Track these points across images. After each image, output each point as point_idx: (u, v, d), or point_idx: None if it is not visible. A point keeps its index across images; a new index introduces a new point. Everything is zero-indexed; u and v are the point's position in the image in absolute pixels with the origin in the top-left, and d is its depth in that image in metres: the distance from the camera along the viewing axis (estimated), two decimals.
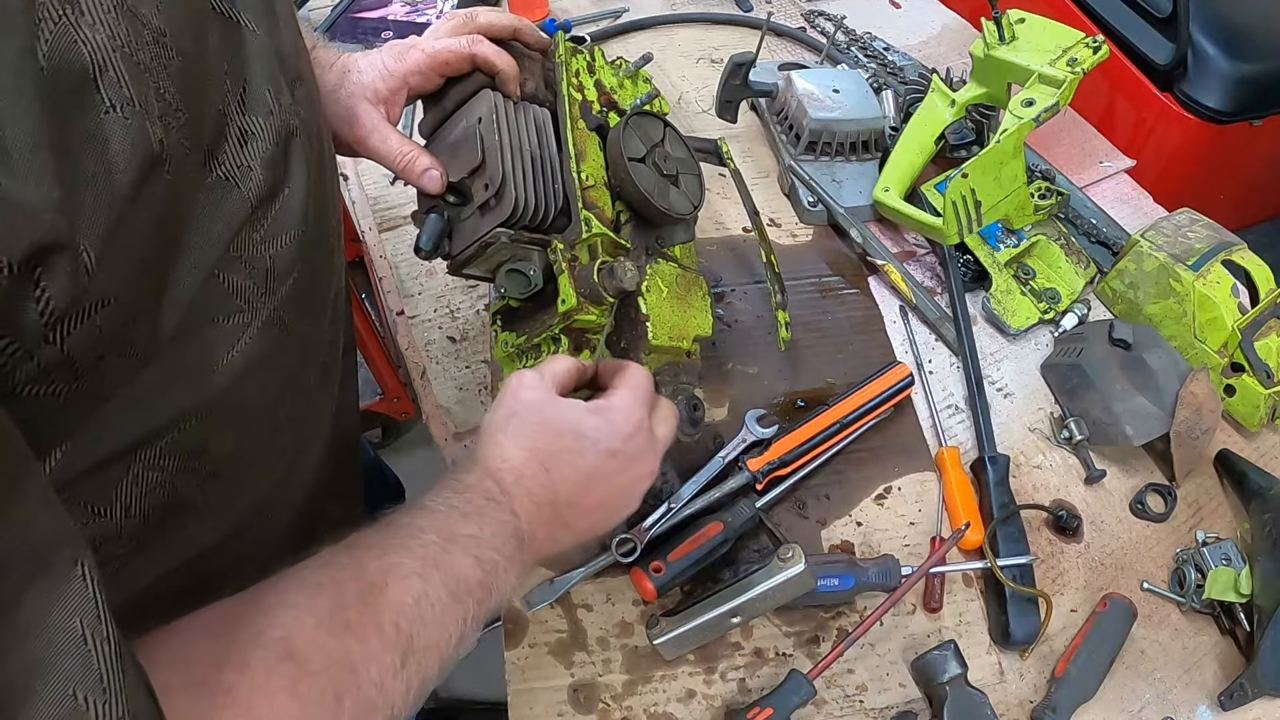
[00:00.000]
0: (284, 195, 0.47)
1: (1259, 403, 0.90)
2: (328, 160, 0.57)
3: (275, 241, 0.47)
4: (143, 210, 0.36)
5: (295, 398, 0.56)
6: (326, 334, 0.60)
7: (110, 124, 0.34)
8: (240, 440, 0.50)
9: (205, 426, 0.46)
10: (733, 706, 0.73)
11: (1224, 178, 1.65)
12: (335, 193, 0.60)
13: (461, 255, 0.68)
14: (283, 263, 0.48)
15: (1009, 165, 0.95)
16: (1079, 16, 1.71)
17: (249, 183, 0.44)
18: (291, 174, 0.48)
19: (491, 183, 0.66)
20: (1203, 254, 0.92)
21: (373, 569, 0.47)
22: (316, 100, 0.56)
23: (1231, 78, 1.55)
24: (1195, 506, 0.88)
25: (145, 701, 0.33)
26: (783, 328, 0.91)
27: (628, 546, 0.78)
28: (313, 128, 0.52)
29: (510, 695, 0.74)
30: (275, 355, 0.49)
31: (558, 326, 0.68)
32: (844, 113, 1.12)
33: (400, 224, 1.11)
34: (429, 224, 0.68)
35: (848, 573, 0.77)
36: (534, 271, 0.68)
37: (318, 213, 0.52)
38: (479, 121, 0.69)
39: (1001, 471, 0.86)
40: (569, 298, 0.66)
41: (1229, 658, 0.78)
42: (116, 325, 0.35)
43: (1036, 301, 1.01)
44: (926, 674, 0.73)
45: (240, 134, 0.44)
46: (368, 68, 0.70)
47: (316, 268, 0.53)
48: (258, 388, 0.49)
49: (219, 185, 0.43)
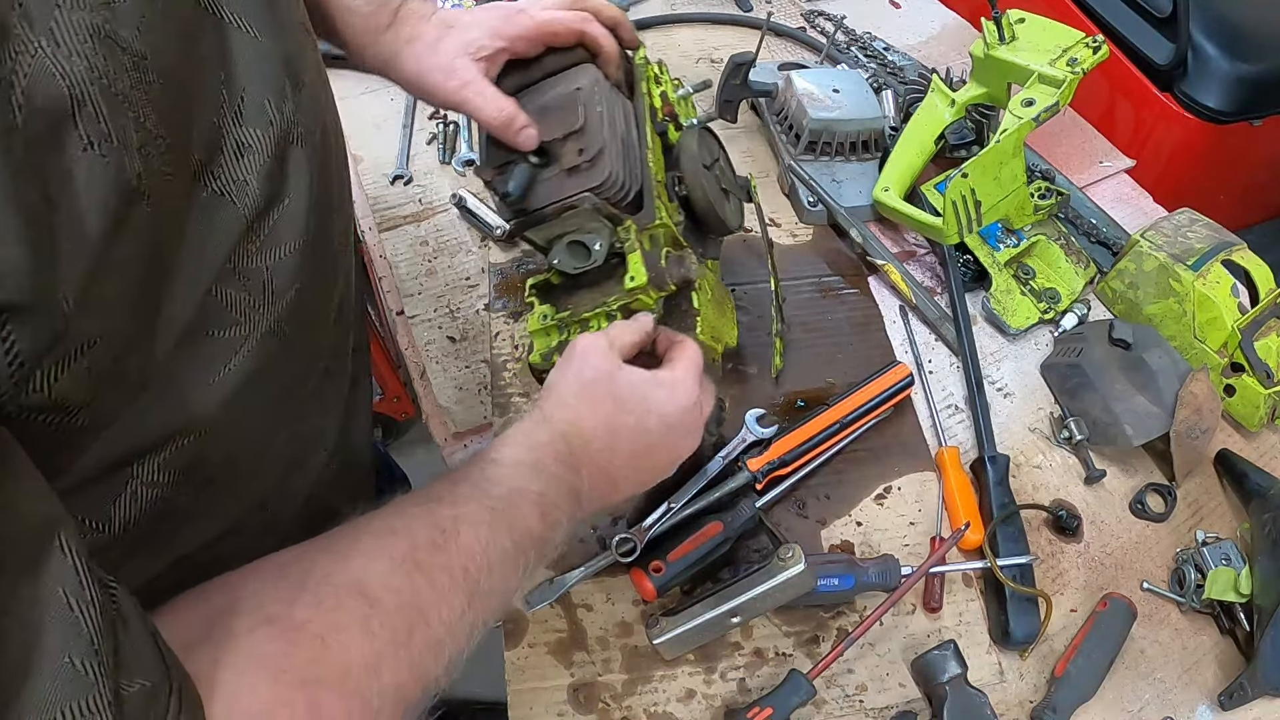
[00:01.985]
0: (284, 206, 0.46)
1: (1259, 403, 0.90)
2: (335, 164, 0.55)
3: (274, 253, 0.46)
4: (124, 247, 0.34)
5: (296, 404, 0.56)
6: (331, 338, 0.59)
7: (87, 163, 0.32)
8: (237, 449, 0.50)
9: (203, 439, 0.46)
10: (733, 706, 0.73)
11: (1224, 178, 1.65)
12: (344, 196, 0.59)
13: (539, 212, 0.70)
14: (282, 275, 0.47)
15: (1009, 165, 0.95)
16: (1079, 16, 1.71)
17: (244, 198, 0.43)
18: (291, 184, 0.47)
19: (588, 149, 0.68)
20: (1203, 254, 0.92)
21: (445, 516, 0.49)
22: (324, 102, 0.54)
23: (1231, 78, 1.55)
24: (1195, 506, 0.88)
25: (148, 650, 0.34)
26: (777, 357, 0.93)
27: (627, 546, 0.78)
28: (316, 133, 0.50)
29: (510, 695, 0.74)
30: (273, 366, 0.49)
31: (616, 304, 0.70)
32: (844, 113, 1.12)
33: (400, 224, 1.11)
34: (518, 173, 0.68)
35: (848, 573, 0.77)
36: (600, 246, 0.70)
37: (321, 221, 0.51)
38: (578, 90, 0.71)
39: (1001, 471, 0.86)
40: (639, 275, 0.68)
41: (1229, 658, 0.78)
42: (107, 361, 0.35)
43: (1036, 301, 1.01)
44: (926, 674, 0.73)
45: (236, 147, 0.43)
46: (473, 25, 0.71)
47: (320, 275, 0.53)
48: (255, 398, 0.49)
49: (212, 201, 0.41)
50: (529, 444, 0.57)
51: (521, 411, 0.91)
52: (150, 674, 0.33)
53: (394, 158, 1.19)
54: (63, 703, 0.29)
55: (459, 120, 1.23)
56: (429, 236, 1.10)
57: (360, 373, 0.72)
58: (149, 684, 0.32)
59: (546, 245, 0.72)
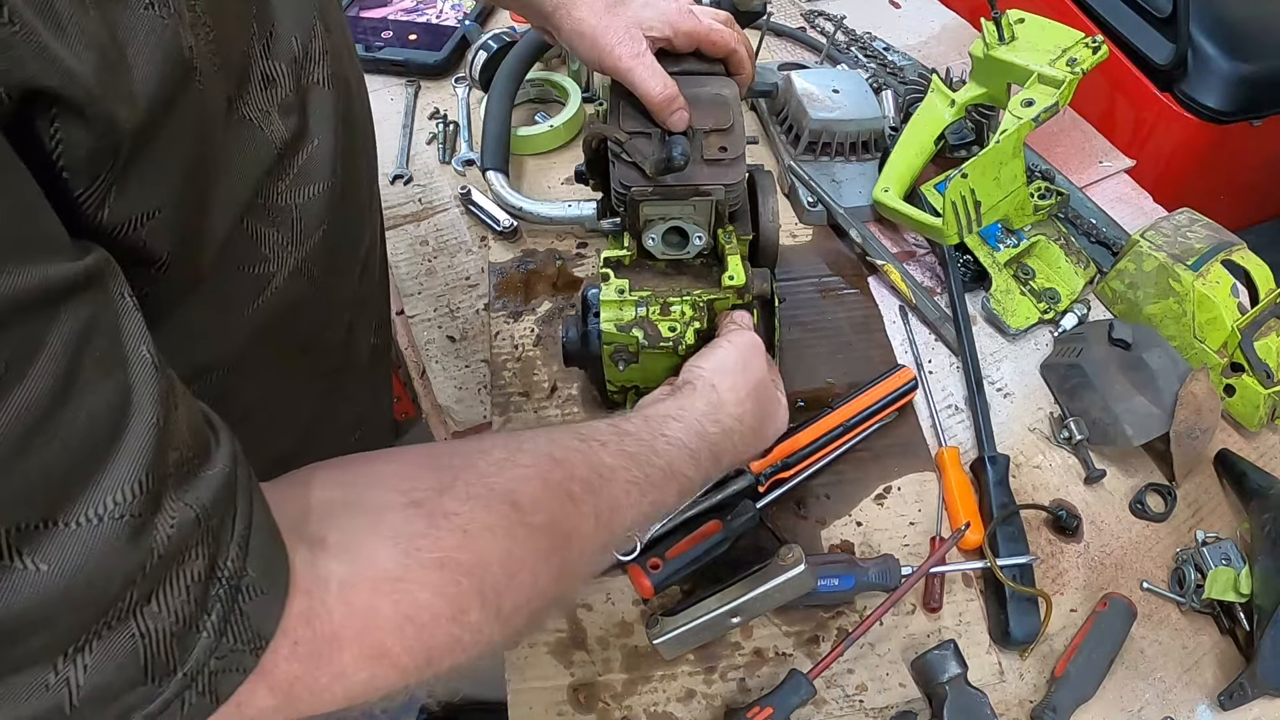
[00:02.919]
0: (312, 146, 0.47)
1: (1259, 403, 0.90)
2: (359, 114, 0.56)
3: (303, 192, 0.47)
4: (176, 125, 0.35)
5: (323, 353, 0.56)
6: (357, 290, 0.60)
7: (148, 21, 0.33)
8: (262, 392, 0.51)
9: (231, 376, 0.47)
10: (733, 706, 0.73)
11: (1224, 178, 1.65)
12: (368, 148, 0.60)
13: (670, 189, 0.73)
14: (310, 214, 0.48)
15: (1009, 165, 0.95)
16: (1079, 16, 1.71)
17: (270, 127, 0.44)
18: (315, 125, 0.47)
19: (732, 149, 0.74)
20: (1202, 254, 0.92)
21: (606, 462, 0.51)
22: (348, 55, 0.55)
23: (1231, 78, 1.55)
24: (1195, 506, 0.88)
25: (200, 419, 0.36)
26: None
27: (628, 546, 0.78)
28: (340, 80, 0.51)
29: (510, 695, 0.74)
30: (302, 306, 0.50)
31: (705, 297, 0.76)
32: (844, 113, 1.12)
33: (400, 223, 1.11)
34: (682, 142, 0.71)
35: (848, 573, 0.77)
36: (701, 239, 0.76)
37: (347, 167, 0.51)
38: (727, 96, 0.77)
39: (1001, 471, 0.86)
40: (740, 275, 0.75)
41: (1229, 657, 0.78)
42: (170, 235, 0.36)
43: (1036, 301, 1.01)
44: (926, 674, 0.73)
45: (263, 78, 0.43)
46: (648, 5, 0.75)
47: (347, 222, 0.54)
48: (285, 338, 0.50)
49: (244, 126, 0.42)
50: (699, 431, 0.61)
51: (522, 411, 0.91)
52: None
53: (394, 157, 1.19)
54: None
55: (459, 120, 1.23)
56: (429, 236, 1.10)
57: (382, 350, 0.74)
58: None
59: (635, 225, 0.76)
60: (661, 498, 0.55)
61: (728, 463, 0.65)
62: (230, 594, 0.33)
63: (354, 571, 0.38)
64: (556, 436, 0.52)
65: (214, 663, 0.32)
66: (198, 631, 0.32)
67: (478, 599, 0.41)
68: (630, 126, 0.74)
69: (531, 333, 0.98)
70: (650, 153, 0.72)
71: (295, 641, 0.36)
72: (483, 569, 0.42)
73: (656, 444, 0.57)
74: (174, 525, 0.31)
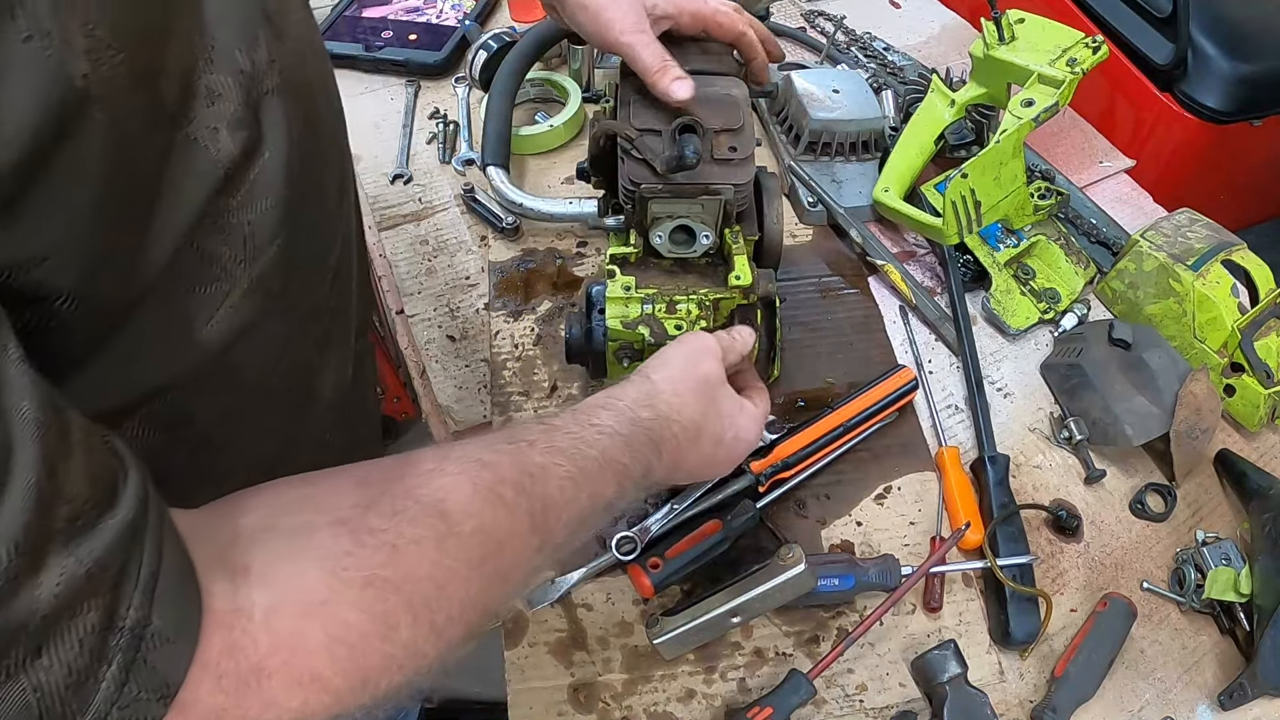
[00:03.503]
0: (263, 159, 0.46)
1: (1259, 403, 0.90)
2: (323, 118, 0.55)
3: (254, 207, 0.46)
4: (78, 153, 0.34)
5: (292, 366, 0.55)
6: (329, 299, 0.59)
7: (27, 54, 0.32)
8: (232, 408, 0.50)
9: (189, 396, 0.46)
10: (733, 706, 0.73)
11: (1224, 178, 1.65)
12: (335, 153, 0.58)
13: (680, 186, 0.73)
14: (263, 229, 0.46)
15: (1009, 165, 0.95)
16: (1079, 16, 1.71)
17: (217, 146, 0.42)
18: (268, 136, 0.46)
19: (742, 149, 0.74)
20: (1203, 254, 0.92)
21: (536, 461, 0.50)
22: (310, 56, 0.53)
23: (1231, 78, 1.55)
24: (1195, 506, 0.88)
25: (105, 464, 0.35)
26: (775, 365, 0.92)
27: (628, 546, 0.78)
28: (298, 85, 0.49)
29: (510, 695, 0.74)
30: (263, 322, 0.49)
31: (711, 296, 0.77)
32: (844, 113, 1.12)
33: (400, 223, 1.11)
34: (693, 140, 0.71)
35: (848, 573, 0.77)
36: (708, 237, 0.77)
37: (306, 175, 0.50)
38: (737, 96, 0.77)
39: (1001, 471, 0.86)
40: (746, 275, 0.76)
41: (1229, 657, 0.78)
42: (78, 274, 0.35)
43: (1036, 301, 1.01)
44: (926, 674, 0.73)
45: (208, 93, 0.42)
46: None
47: (309, 232, 0.52)
48: (246, 355, 0.49)
49: (189, 146, 0.41)
50: (631, 417, 0.59)
51: (522, 410, 0.91)
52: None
53: (394, 157, 1.19)
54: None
55: (459, 120, 1.23)
56: (429, 235, 1.10)
57: (364, 355, 0.72)
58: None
59: (642, 222, 0.76)
60: (599, 489, 0.54)
61: (671, 455, 0.62)
62: (132, 643, 0.32)
63: (278, 597, 0.37)
64: (486, 440, 0.51)
65: (116, 713, 0.32)
66: (96, 682, 0.31)
67: (408, 615, 0.41)
68: (641, 123, 0.74)
69: (531, 332, 0.98)
70: (660, 150, 0.72)
71: (219, 676, 0.35)
72: (412, 583, 0.41)
73: (586, 434, 0.55)
74: (60, 582, 0.30)
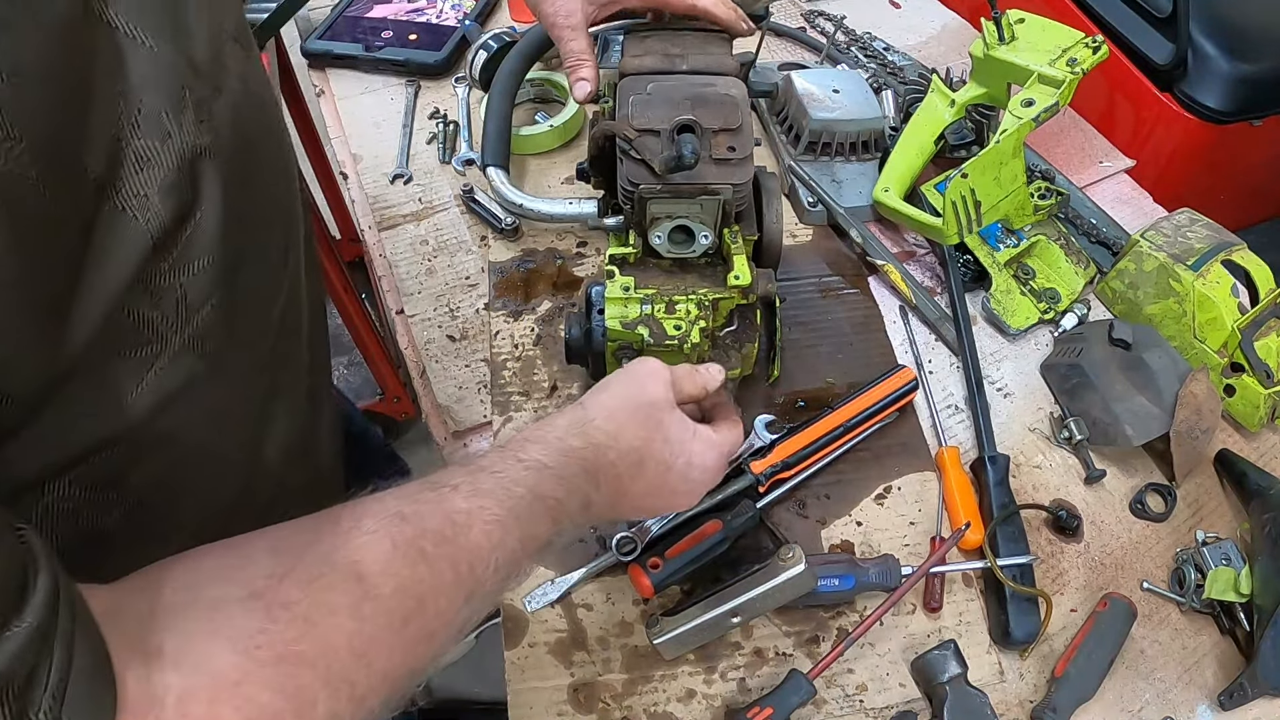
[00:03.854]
0: (196, 220, 0.45)
1: (1259, 403, 0.90)
2: (265, 174, 0.54)
3: (186, 269, 0.45)
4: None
5: (235, 424, 0.54)
6: (274, 350, 0.58)
7: None
8: (169, 470, 0.49)
9: (120, 458, 0.45)
10: (733, 706, 0.73)
11: (1224, 178, 1.65)
12: (279, 208, 0.57)
13: (678, 186, 0.73)
14: (196, 291, 0.45)
15: (1009, 165, 0.95)
16: (1079, 16, 1.71)
17: (146, 213, 0.41)
18: (202, 197, 0.45)
19: (740, 149, 0.74)
20: (1203, 254, 0.92)
21: (460, 508, 0.48)
22: (252, 111, 0.52)
23: (1231, 78, 1.55)
24: (1195, 506, 0.88)
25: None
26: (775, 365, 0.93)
27: (628, 546, 0.78)
28: (237, 143, 0.48)
29: (510, 695, 0.74)
30: (197, 384, 0.48)
31: (710, 295, 0.77)
32: (844, 113, 1.12)
33: (400, 223, 1.11)
34: (691, 141, 0.71)
35: (848, 573, 0.77)
36: (707, 237, 0.76)
37: (245, 233, 0.49)
38: (736, 96, 0.76)
39: (1001, 471, 0.86)
40: (745, 275, 0.76)
41: (1229, 657, 0.78)
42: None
43: (1036, 301, 1.01)
44: (926, 674, 0.73)
45: (136, 160, 0.41)
46: None
47: (248, 290, 0.51)
48: (182, 416, 0.47)
49: (116, 217, 0.40)
50: (561, 448, 0.57)
51: (522, 411, 0.91)
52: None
53: (394, 157, 1.19)
54: None
55: (459, 120, 1.23)
56: (429, 236, 1.10)
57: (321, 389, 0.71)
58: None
59: (641, 222, 0.76)
60: (531, 529, 0.52)
61: (611, 485, 0.59)
62: None
63: (191, 681, 0.36)
64: (407, 490, 0.49)
65: None
66: None
67: (324, 690, 0.39)
68: (640, 123, 0.74)
69: (531, 332, 0.98)
70: (659, 150, 0.72)
71: None
72: (328, 657, 0.40)
73: (513, 472, 0.53)
74: None
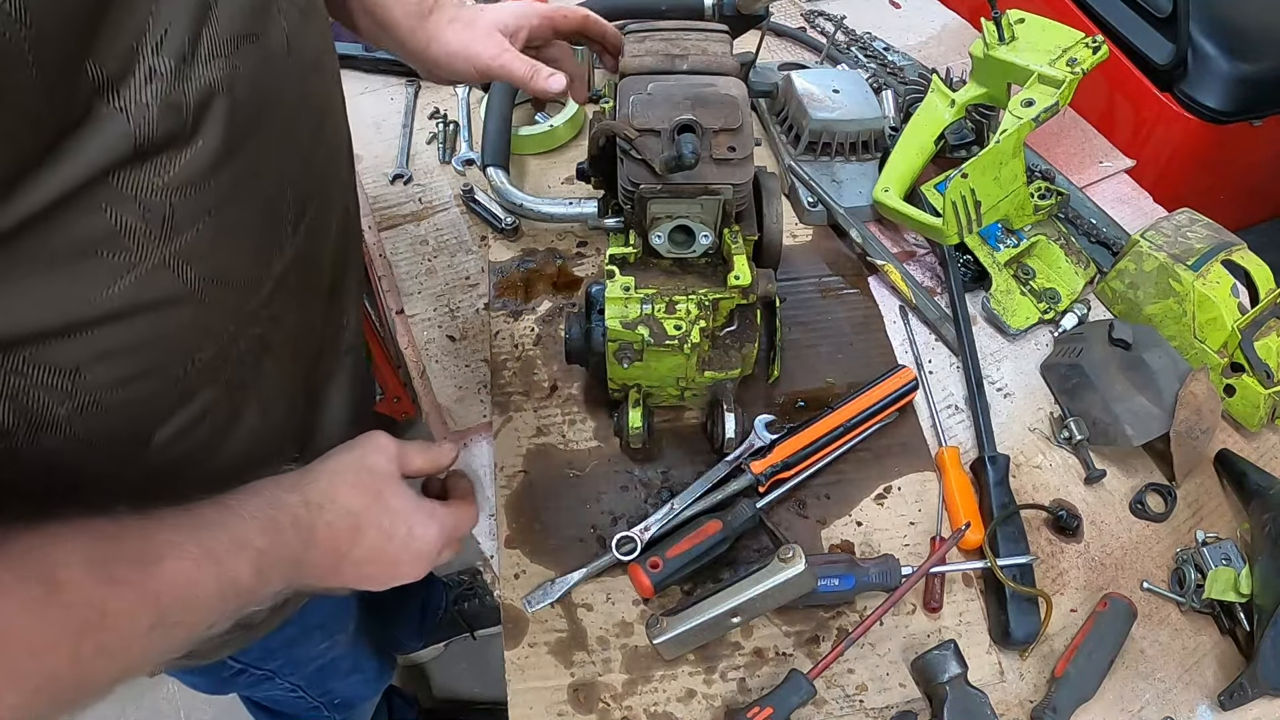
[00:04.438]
0: (195, 147, 0.48)
1: (1259, 403, 0.90)
2: (288, 135, 0.56)
3: (179, 192, 0.48)
4: None
5: (209, 361, 0.56)
6: (268, 309, 0.59)
7: None
8: (133, 380, 0.51)
9: (78, 349, 0.47)
10: (733, 706, 0.73)
11: (1224, 178, 1.65)
12: (297, 172, 0.59)
13: (678, 186, 0.73)
14: (184, 213, 0.48)
15: (1008, 165, 0.95)
16: (1079, 16, 1.71)
17: (140, 119, 0.44)
18: (205, 130, 0.48)
19: (741, 149, 0.74)
20: (1202, 254, 0.92)
21: (159, 540, 0.50)
22: (282, 67, 0.54)
23: (1231, 78, 1.55)
24: (1195, 506, 0.88)
25: None
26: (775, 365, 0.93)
27: (628, 546, 0.78)
28: (252, 94, 0.51)
29: (510, 695, 0.74)
30: (174, 306, 0.50)
31: (711, 296, 0.77)
32: (844, 113, 1.12)
33: (400, 223, 1.11)
34: (691, 140, 0.71)
35: (848, 573, 0.77)
36: (707, 237, 0.76)
37: (248, 179, 0.52)
38: (736, 97, 0.76)
39: (1001, 471, 0.86)
40: (745, 275, 0.75)
41: (1229, 657, 0.78)
42: None
43: (1036, 301, 1.01)
44: (926, 674, 0.73)
45: (148, 72, 0.44)
46: (499, 9, 0.81)
47: (244, 234, 0.54)
48: (149, 332, 0.50)
49: (111, 118, 0.43)
50: (272, 500, 0.58)
51: (522, 410, 0.91)
52: None
53: (394, 157, 1.19)
54: None
55: (459, 120, 1.23)
56: (429, 236, 1.10)
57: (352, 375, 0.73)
58: None
59: (647, 222, 0.76)
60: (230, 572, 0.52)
61: (328, 544, 0.60)
62: None
63: None
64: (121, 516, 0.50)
65: None
66: None
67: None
68: (640, 123, 0.74)
69: (531, 332, 0.98)
70: (659, 150, 0.72)
71: None
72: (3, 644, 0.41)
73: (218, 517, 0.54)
74: None
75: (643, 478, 0.86)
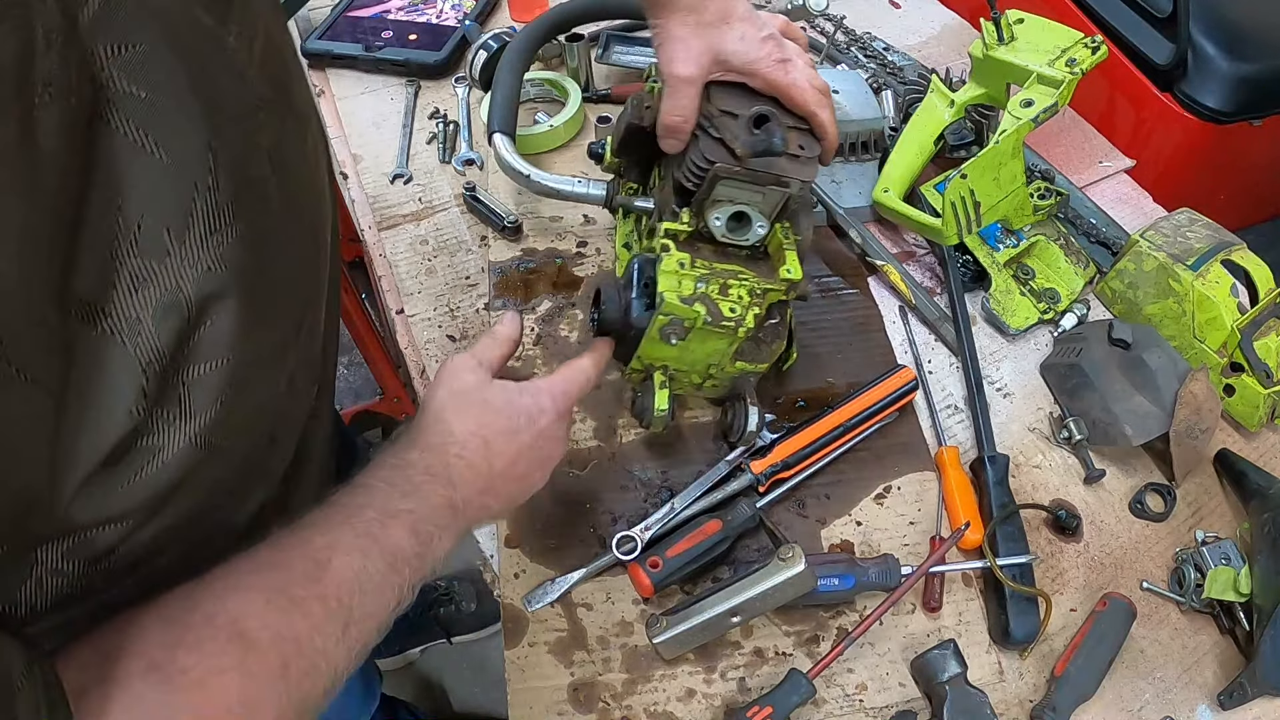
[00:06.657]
0: (204, 328, 0.43)
1: (1258, 403, 0.90)
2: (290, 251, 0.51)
3: (191, 371, 0.44)
4: None
5: (234, 504, 0.55)
6: (280, 451, 0.59)
7: None
8: (160, 546, 0.49)
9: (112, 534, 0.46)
10: (733, 706, 0.73)
11: (1224, 178, 1.65)
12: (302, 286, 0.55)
13: (755, 173, 0.73)
14: (202, 393, 0.45)
15: (1008, 166, 0.95)
16: (1079, 16, 1.71)
17: (136, 339, 0.40)
18: (211, 310, 0.43)
19: (810, 149, 0.76)
20: (1202, 254, 0.92)
21: (318, 545, 0.50)
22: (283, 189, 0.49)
23: (1231, 78, 1.55)
24: (1195, 506, 0.88)
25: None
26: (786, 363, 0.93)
27: (628, 546, 0.78)
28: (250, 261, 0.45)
29: (510, 695, 0.74)
30: (198, 474, 0.47)
31: (761, 285, 0.77)
32: (844, 113, 1.12)
33: (400, 223, 1.11)
34: (775, 129, 0.70)
35: (848, 572, 0.77)
36: (763, 227, 0.77)
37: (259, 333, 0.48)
38: None
39: (1001, 471, 0.86)
40: (797, 270, 0.77)
41: (1229, 657, 0.78)
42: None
43: (1036, 301, 1.01)
44: (926, 673, 0.73)
45: (131, 280, 0.39)
46: (736, 40, 0.74)
47: (256, 385, 0.50)
48: (179, 503, 0.48)
49: (105, 342, 0.39)
50: (398, 463, 0.59)
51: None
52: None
53: (394, 157, 1.19)
54: None
55: (459, 120, 1.23)
56: (429, 235, 1.10)
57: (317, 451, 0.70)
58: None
59: (708, 202, 0.76)
60: (391, 545, 0.53)
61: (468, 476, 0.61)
62: None
63: None
64: (277, 538, 0.51)
65: None
66: None
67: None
68: (722, 105, 0.74)
69: (532, 332, 0.98)
70: (737, 133, 0.72)
71: None
72: (225, 715, 0.43)
73: (357, 497, 0.55)
74: None
75: (643, 478, 0.86)
